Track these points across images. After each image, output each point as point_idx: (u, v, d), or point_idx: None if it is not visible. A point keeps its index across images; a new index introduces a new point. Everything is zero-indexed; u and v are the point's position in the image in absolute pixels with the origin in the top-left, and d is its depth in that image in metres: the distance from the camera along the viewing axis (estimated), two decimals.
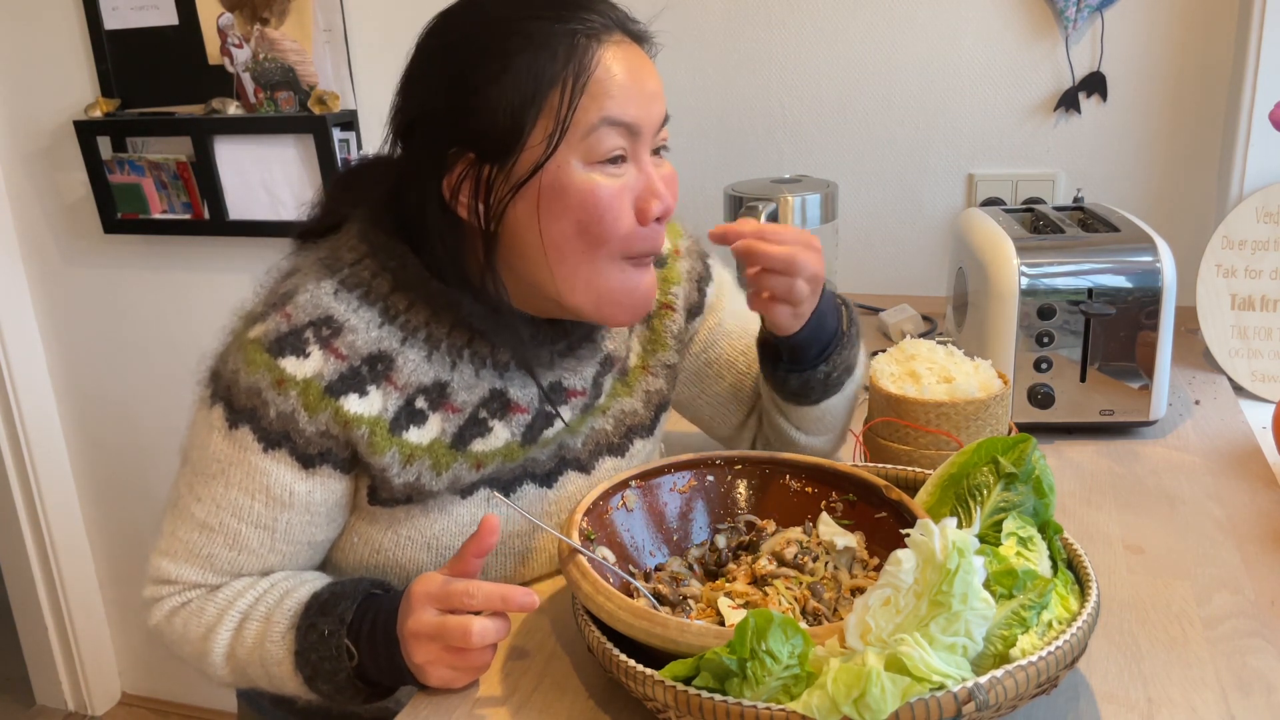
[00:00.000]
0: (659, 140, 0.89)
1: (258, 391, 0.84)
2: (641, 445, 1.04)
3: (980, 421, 1.02)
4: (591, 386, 0.98)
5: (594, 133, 0.83)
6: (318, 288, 0.88)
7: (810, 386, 1.01)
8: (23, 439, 2.35)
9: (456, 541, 0.93)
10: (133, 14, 2.04)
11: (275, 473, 0.86)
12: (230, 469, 0.87)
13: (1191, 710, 0.77)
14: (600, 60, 0.83)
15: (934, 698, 0.63)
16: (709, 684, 0.68)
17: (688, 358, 1.10)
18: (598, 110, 0.83)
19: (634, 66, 0.85)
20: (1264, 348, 1.41)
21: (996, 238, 1.26)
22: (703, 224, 1.04)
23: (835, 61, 1.77)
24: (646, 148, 0.87)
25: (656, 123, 0.87)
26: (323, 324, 0.86)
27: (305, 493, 0.87)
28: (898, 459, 1.04)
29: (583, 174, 0.84)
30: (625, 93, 0.84)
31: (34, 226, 2.29)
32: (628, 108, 0.84)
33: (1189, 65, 1.61)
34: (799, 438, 1.07)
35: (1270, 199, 1.42)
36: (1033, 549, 0.78)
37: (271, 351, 0.85)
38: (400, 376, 0.88)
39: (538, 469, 0.97)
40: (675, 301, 1.06)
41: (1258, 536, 1.02)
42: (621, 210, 0.85)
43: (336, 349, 0.85)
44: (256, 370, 0.84)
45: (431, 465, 0.89)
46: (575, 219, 0.84)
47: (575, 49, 0.83)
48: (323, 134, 1.96)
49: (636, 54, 0.86)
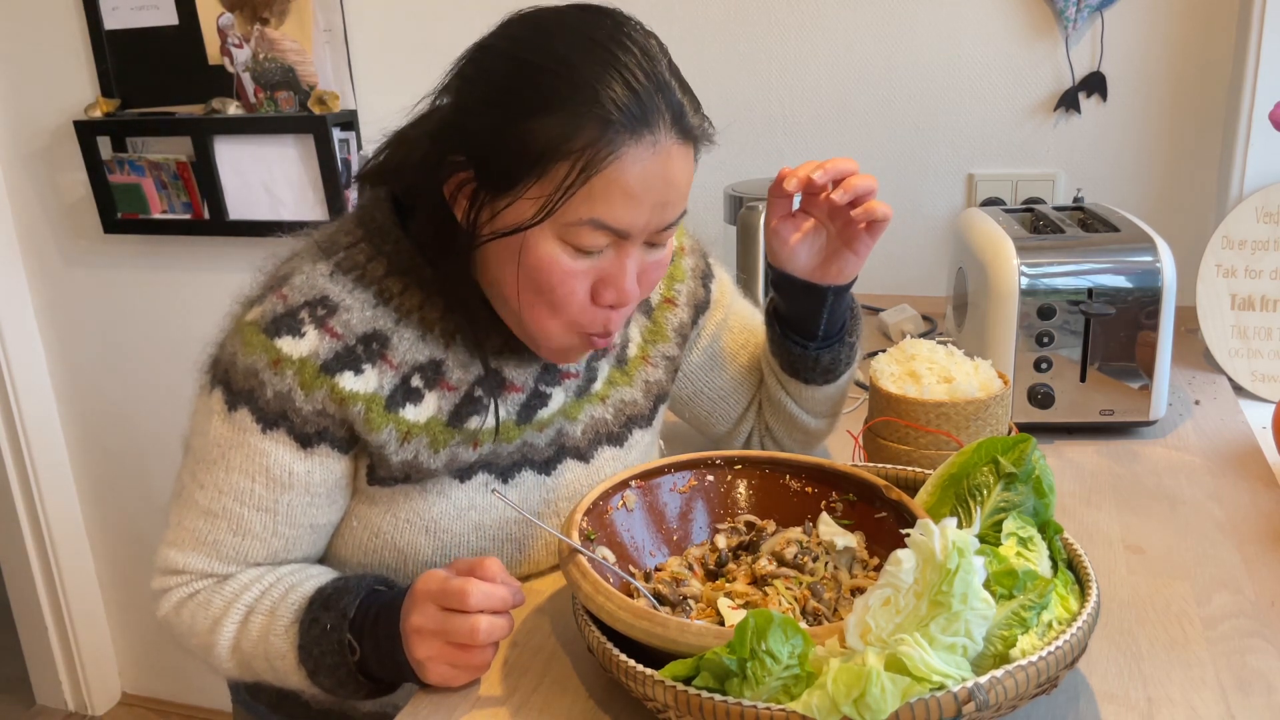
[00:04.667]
0: (660, 237, 0.87)
1: (255, 372, 0.85)
2: (640, 435, 1.05)
3: (980, 421, 1.02)
4: (584, 369, 0.99)
5: (579, 226, 0.81)
6: (313, 270, 0.89)
7: (839, 360, 1.05)
8: (23, 439, 2.35)
9: (455, 525, 0.93)
10: (133, 14, 2.04)
11: (274, 453, 0.87)
12: (230, 452, 0.87)
13: (1191, 710, 0.77)
14: (617, 162, 0.79)
15: (934, 698, 0.63)
16: (709, 684, 0.68)
17: (695, 351, 1.11)
18: (588, 210, 0.80)
19: (651, 177, 0.81)
20: (1264, 348, 1.41)
21: (996, 238, 1.26)
22: (703, 224, 1.04)
23: (835, 61, 1.77)
24: (637, 244, 0.85)
25: (655, 227, 0.84)
26: (318, 304, 0.87)
27: (304, 473, 0.88)
28: (898, 459, 1.04)
29: (552, 248, 0.82)
30: (626, 204, 0.81)
31: (34, 226, 2.29)
32: (621, 218, 0.81)
33: (1189, 65, 1.61)
34: (809, 421, 1.10)
35: (1270, 199, 1.42)
36: (1033, 549, 0.78)
37: (268, 333, 0.86)
38: (395, 355, 0.89)
39: (536, 455, 0.97)
40: (678, 298, 1.08)
41: (1258, 536, 1.02)
42: (575, 290, 0.84)
43: (332, 328, 0.86)
44: (254, 351, 0.86)
45: (429, 443, 0.90)
46: (529, 281, 0.84)
47: (600, 139, 0.78)
48: (322, 134, 1.96)
49: (665, 162, 0.82)
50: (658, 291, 1.08)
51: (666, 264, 0.91)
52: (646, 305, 1.07)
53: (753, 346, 1.14)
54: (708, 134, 0.88)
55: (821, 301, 1.01)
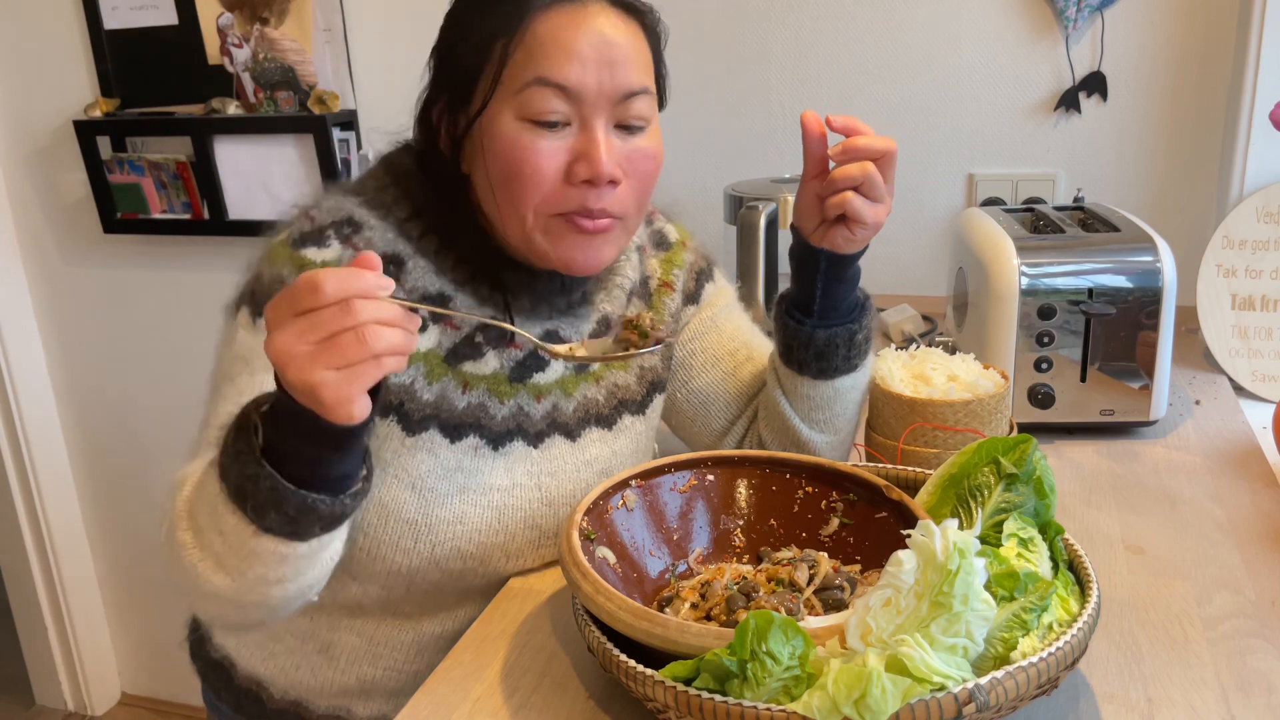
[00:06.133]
0: (628, 115, 0.89)
1: (281, 280, 0.88)
2: (631, 421, 1.04)
3: (980, 422, 1.02)
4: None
5: (525, 90, 0.86)
6: (342, 199, 0.94)
7: (834, 349, 0.99)
8: (23, 439, 2.35)
9: (440, 485, 0.93)
10: (132, 14, 2.04)
11: None
12: (254, 358, 0.87)
13: (1191, 710, 0.77)
14: (541, 17, 0.85)
15: (934, 699, 0.63)
16: (709, 685, 0.68)
17: (676, 346, 1.11)
18: (531, 70, 0.86)
19: (584, 31, 0.86)
20: (1264, 348, 1.41)
21: (997, 238, 1.26)
22: (703, 224, 1.04)
23: (835, 61, 1.77)
24: (599, 115, 0.88)
25: (608, 90, 0.87)
26: (344, 224, 0.92)
27: None
28: (928, 463, 1.03)
29: (512, 127, 0.87)
30: (565, 58, 0.85)
31: (34, 226, 2.29)
32: (561, 70, 0.85)
33: (1189, 65, 1.61)
34: (804, 431, 1.04)
35: (1270, 199, 1.42)
36: (1034, 550, 0.78)
37: (294, 246, 0.90)
38: (409, 281, 0.92)
39: (530, 427, 0.97)
40: (675, 282, 1.09)
41: (1258, 536, 1.01)
42: (541, 167, 0.87)
43: (355, 244, 0.91)
44: (279, 263, 0.89)
45: (426, 373, 0.92)
46: (499, 169, 0.89)
47: (516, 8, 0.86)
48: (322, 134, 1.96)
49: (594, 17, 0.87)
50: (657, 275, 1.08)
51: (654, 155, 0.92)
52: (645, 289, 1.07)
53: (744, 359, 1.11)
54: (640, 6, 0.91)
55: (816, 266, 0.97)
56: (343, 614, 1.01)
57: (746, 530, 0.94)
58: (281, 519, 0.74)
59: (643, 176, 0.92)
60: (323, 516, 0.75)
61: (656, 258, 1.10)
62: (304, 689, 1.05)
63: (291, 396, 0.69)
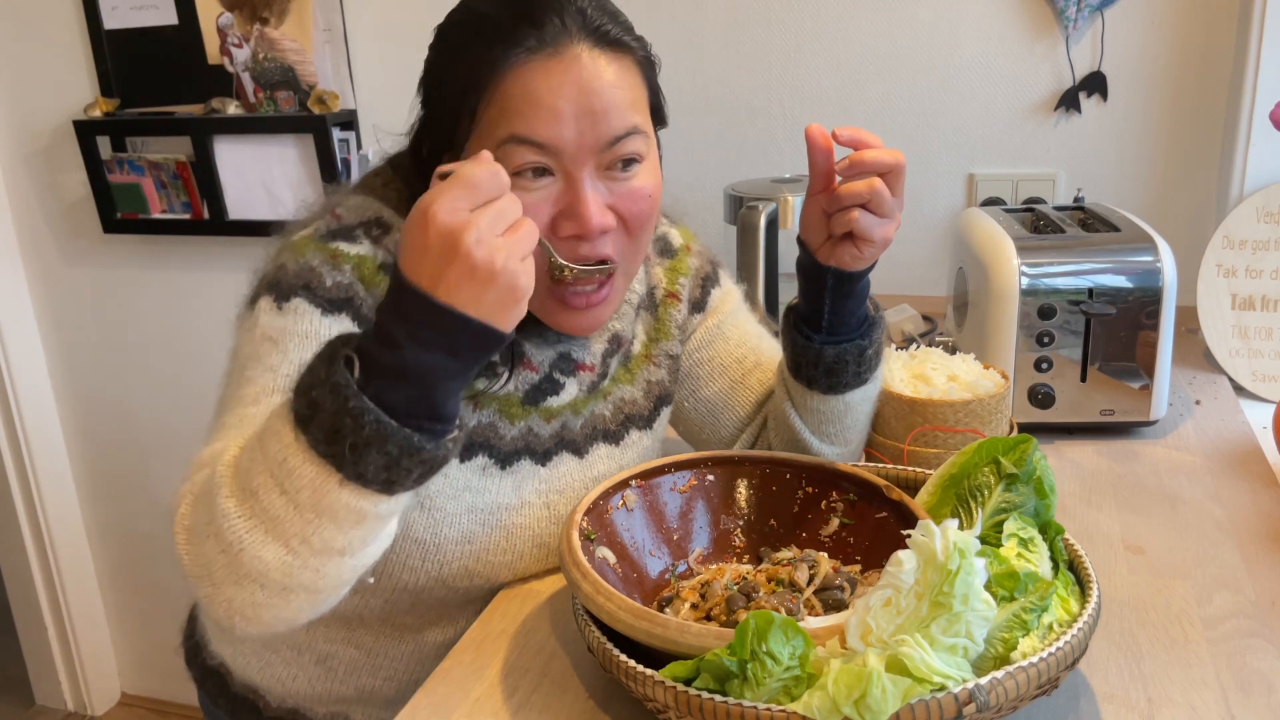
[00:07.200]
0: (617, 157, 0.85)
1: (310, 268, 0.85)
2: (638, 437, 1.04)
3: (980, 422, 1.02)
4: (600, 363, 0.99)
5: (502, 147, 0.82)
6: (366, 198, 0.92)
7: (844, 366, 0.97)
8: (22, 439, 2.35)
9: (450, 504, 0.92)
10: (132, 14, 2.04)
11: (339, 330, 0.82)
12: (285, 338, 0.82)
13: (1191, 710, 0.77)
14: (515, 73, 0.81)
15: (935, 699, 0.63)
16: (709, 685, 0.68)
17: (683, 354, 1.10)
18: (506, 128, 0.82)
19: (561, 85, 0.81)
20: (1264, 348, 1.41)
21: (997, 238, 1.26)
22: (703, 224, 1.04)
23: (835, 61, 1.77)
24: (583, 166, 0.84)
25: (590, 142, 0.83)
26: (373, 224, 0.90)
27: None
28: (930, 464, 1.03)
29: None
30: (540, 115, 0.81)
31: (33, 226, 2.29)
32: (540, 130, 0.81)
33: (1189, 65, 1.61)
34: (815, 444, 1.02)
35: (1270, 199, 1.42)
36: (1034, 550, 0.78)
37: (323, 240, 0.88)
38: None
39: (538, 445, 0.96)
40: (681, 292, 1.07)
41: (1258, 536, 1.01)
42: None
43: (385, 245, 0.89)
44: (308, 254, 0.86)
45: None
46: None
47: (491, 56, 0.82)
48: (322, 134, 1.96)
49: (573, 67, 0.82)
50: (662, 285, 1.07)
51: (649, 194, 0.88)
52: (651, 301, 1.07)
53: (751, 366, 1.10)
54: (628, 41, 0.86)
55: (823, 283, 0.95)
56: (340, 626, 1.01)
57: (746, 530, 0.94)
58: (383, 460, 0.67)
59: (637, 217, 0.88)
60: (424, 460, 0.69)
61: (661, 266, 1.09)
62: (301, 697, 1.04)
63: (436, 306, 0.66)
